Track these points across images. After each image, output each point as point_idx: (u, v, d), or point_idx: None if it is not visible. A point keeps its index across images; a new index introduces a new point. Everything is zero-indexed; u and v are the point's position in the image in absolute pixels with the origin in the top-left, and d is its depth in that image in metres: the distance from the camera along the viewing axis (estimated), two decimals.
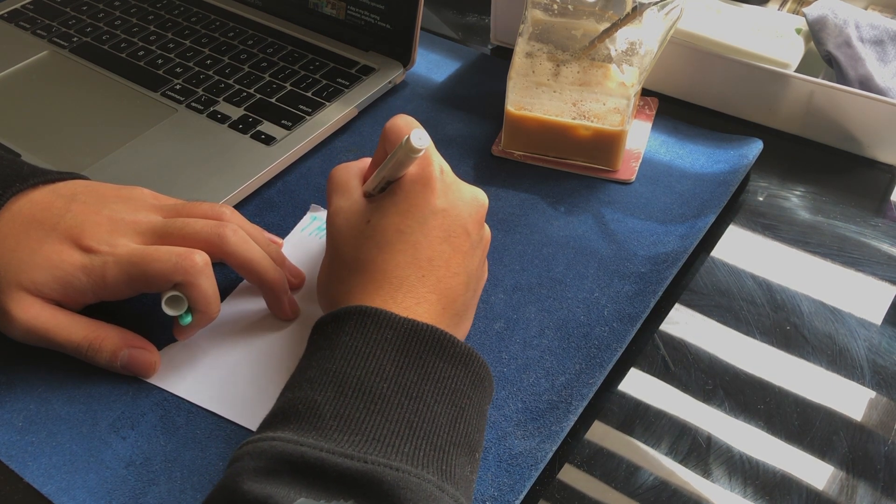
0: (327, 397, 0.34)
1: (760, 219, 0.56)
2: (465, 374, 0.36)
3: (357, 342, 0.36)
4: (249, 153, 0.57)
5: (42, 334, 0.42)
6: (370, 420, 0.33)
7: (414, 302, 0.39)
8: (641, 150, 0.60)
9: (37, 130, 0.59)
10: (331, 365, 0.35)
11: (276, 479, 0.31)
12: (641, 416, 0.44)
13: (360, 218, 0.42)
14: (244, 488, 0.30)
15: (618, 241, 0.53)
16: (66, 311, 0.43)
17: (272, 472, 0.31)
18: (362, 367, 0.35)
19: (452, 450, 0.34)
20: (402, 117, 0.43)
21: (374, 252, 0.40)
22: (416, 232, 0.40)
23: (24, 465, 0.41)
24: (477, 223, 0.43)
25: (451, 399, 0.35)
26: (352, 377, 0.35)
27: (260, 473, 0.31)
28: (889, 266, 0.53)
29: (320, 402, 0.34)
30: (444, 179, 0.42)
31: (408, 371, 0.35)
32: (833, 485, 0.41)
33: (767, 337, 0.48)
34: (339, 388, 0.34)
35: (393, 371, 0.35)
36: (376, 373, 0.35)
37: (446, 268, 0.40)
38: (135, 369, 0.44)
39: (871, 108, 0.58)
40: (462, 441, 0.35)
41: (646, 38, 0.55)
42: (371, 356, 0.35)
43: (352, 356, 0.35)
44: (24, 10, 0.73)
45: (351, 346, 0.36)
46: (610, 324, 0.47)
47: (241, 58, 0.66)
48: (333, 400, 0.34)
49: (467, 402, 0.36)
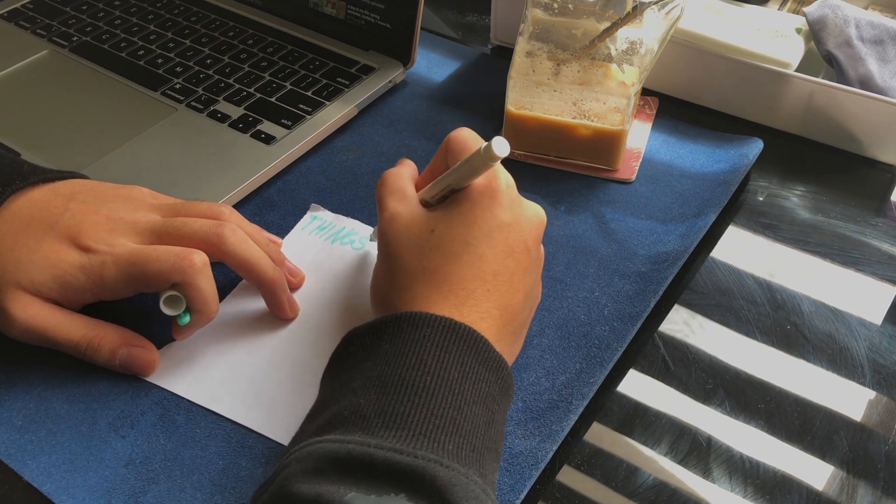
0: (370, 399, 0.34)
1: (761, 218, 0.56)
2: (495, 381, 0.36)
3: (396, 346, 0.36)
4: (249, 152, 0.57)
5: (41, 333, 0.42)
6: (415, 413, 0.33)
7: (479, 317, 0.38)
8: (642, 149, 0.60)
9: (37, 130, 0.59)
10: (372, 371, 0.35)
11: (324, 478, 0.31)
12: (641, 416, 0.44)
13: (422, 226, 0.41)
14: (294, 491, 0.30)
15: (618, 240, 0.53)
16: (64, 310, 0.43)
17: (320, 472, 0.31)
18: (403, 365, 0.35)
19: (487, 454, 0.34)
20: (467, 130, 0.43)
21: (439, 262, 0.39)
22: (483, 244, 0.39)
23: (24, 463, 0.41)
24: (537, 240, 0.42)
25: (485, 403, 0.35)
26: (394, 375, 0.34)
27: (308, 474, 0.31)
28: (889, 266, 0.53)
29: (364, 405, 0.34)
30: (510, 194, 0.41)
31: (449, 366, 0.35)
32: (833, 484, 0.41)
33: (768, 337, 0.48)
34: (382, 388, 0.34)
35: (435, 365, 0.35)
36: (418, 367, 0.34)
37: (509, 283, 0.40)
38: (134, 368, 0.44)
39: (871, 108, 0.58)
40: (493, 447, 0.35)
41: (646, 37, 0.55)
42: (412, 354, 0.35)
43: (392, 358, 0.35)
44: (23, 10, 0.72)
45: (391, 351, 0.35)
46: (610, 323, 0.47)
47: (241, 57, 0.66)
48: (377, 400, 0.34)
49: (497, 408, 0.36)
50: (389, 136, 0.61)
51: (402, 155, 0.59)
